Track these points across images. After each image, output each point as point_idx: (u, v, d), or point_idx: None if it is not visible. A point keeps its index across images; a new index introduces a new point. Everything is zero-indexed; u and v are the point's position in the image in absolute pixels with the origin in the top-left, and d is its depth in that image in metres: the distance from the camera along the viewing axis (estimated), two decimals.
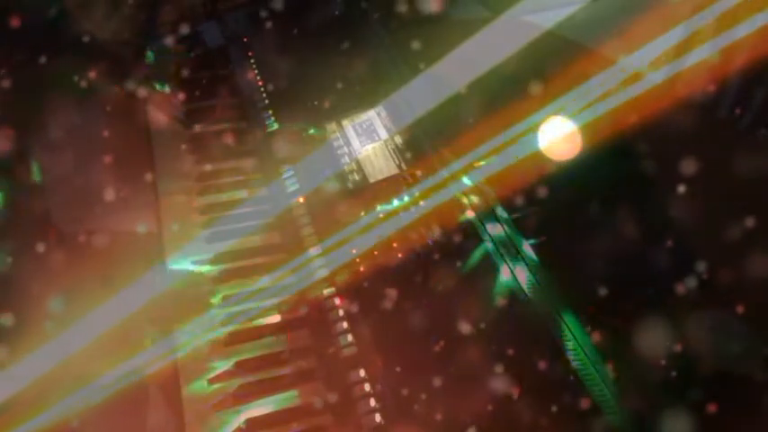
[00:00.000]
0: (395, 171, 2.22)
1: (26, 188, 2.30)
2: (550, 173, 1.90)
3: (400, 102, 2.35)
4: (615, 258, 1.69)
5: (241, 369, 1.90)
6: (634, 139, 1.77)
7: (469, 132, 2.07)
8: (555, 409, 1.57)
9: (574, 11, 2.18)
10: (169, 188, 2.42)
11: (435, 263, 1.93)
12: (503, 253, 1.86)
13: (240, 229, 2.27)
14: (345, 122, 2.40)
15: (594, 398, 1.56)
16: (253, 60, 2.83)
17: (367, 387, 1.78)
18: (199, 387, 1.87)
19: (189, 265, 2.17)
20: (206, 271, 2.16)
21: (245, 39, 2.92)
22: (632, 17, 1.96)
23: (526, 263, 1.82)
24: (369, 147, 2.31)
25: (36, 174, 2.31)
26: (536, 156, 1.93)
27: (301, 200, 2.29)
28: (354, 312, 1.92)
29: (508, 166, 1.96)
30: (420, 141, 2.25)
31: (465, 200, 2.02)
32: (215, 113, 2.68)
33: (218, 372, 1.90)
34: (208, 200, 2.39)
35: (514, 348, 1.68)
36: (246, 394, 1.85)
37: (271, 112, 2.62)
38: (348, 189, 2.23)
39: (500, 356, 1.67)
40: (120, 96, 2.57)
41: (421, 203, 2.08)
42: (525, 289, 1.78)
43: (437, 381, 1.68)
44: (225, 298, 2.08)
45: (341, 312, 1.95)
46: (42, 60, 2.35)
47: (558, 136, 1.92)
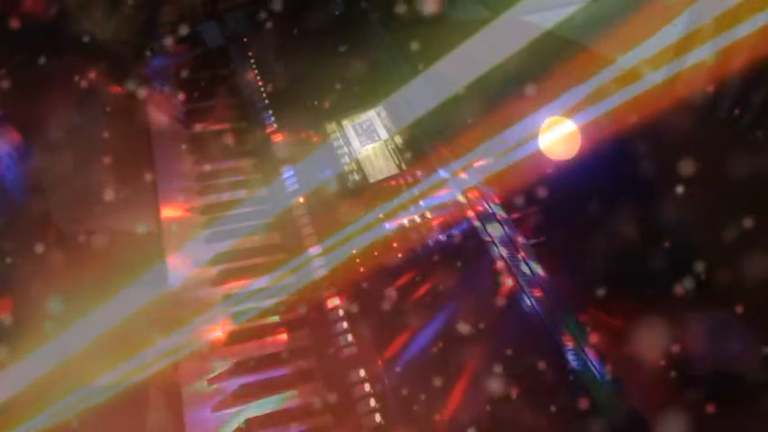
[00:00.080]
0: (395, 171, 2.22)
1: (26, 189, 2.30)
2: (550, 173, 1.90)
3: (400, 102, 2.35)
4: (615, 258, 1.69)
5: (241, 369, 1.90)
6: (634, 140, 1.77)
7: (469, 132, 2.07)
8: (555, 410, 1.57)
9: (574, 11, 2.18)
10: (169, 188, 2.42)
11: (435, 263, 1.93)
12: (503, 253, 1.86)
13: (240, 229, 2.27)
14: (345, 122, 2.40)
15: (594, 398, 1.56)
16: (253, 60, 2.83)
17: (367, 387, 1.78)
18: (199, 387, 1.87)
19: (189, 266, 2.17)
20: (206, 271, 2.16)
21: (245, 39, 2.92)
22: (632, 17, 1.96)
23: (526, 263, 1.82)
24: (369, 147, 2.31)
25: (36, 174, 2.31)
26: (536, 156, 1.93)
27: (301, 200, 2.29)
28: (354, 312, 1.92)
29: (508, 166, 1.96)
30: (420, 141, 2.25)
31: (465, 200, 2.02)
32: (215, 113, 2.68)
33: (218, 372, 1.90)
34: (208, 200, 2.39)
35: (514, 348, 1.68)
36: (246, 394, 1.85)
37: (271, 112, 2.62)
38: (348, 189, 2.23)
39: (500, 356, 1.67)
40: (120, 96, 2.57)
41: (421, 203, 2.08)
42: (525, 289, 1.78)
43: (437, 381, 1.68)
44: (225, 298, 2.08)
45: (341, 312, 1.95)
46: (42, 60, 2.35)
47: (558, 136, 1.91)
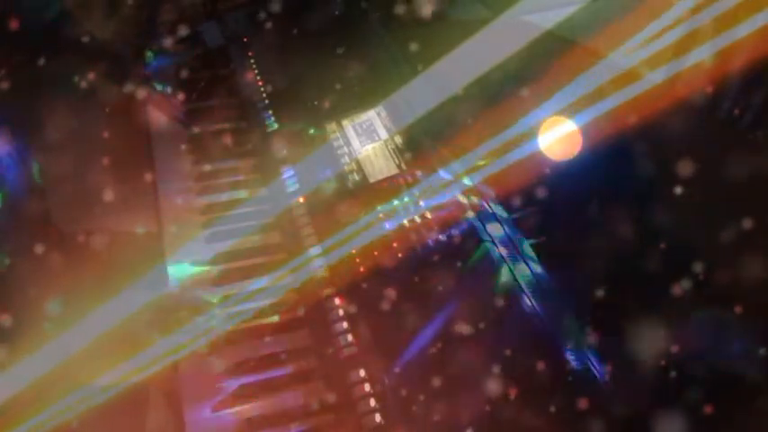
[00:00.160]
0: (395, 171, 2.22)
1: (26, 189, 2.30)
2: (550, 173, 1.90)
3: (400, 102, 2.35)
4: (615, 258, 1.68)
5: (241, 369, 1.90)
6: (634, 140, 1.77)
7: (469, 132, 2.07)
8: (555, 410, 1.57)
9: (574, 11, 2.18)
10: (169, 188, 2.42)
11: (435, 263, 1.93)
12: (503, 253, 1.86)
13: (240, 229, 2.27)
14: (345, 122, 2.40)
15: (594, 398, 1.56)
16: (253, 60, 2.83)
17: (367, 387, 1.78)
18: (199, 387, 1.87)
19: (189, 266, 2.17)
20: (206, 271, 2.16)
21: (245, 39, 2.92)
22: (632, 17, 1.96)
23: (526, 263, 1.82)
24: (369, 147, 2.31)
25: (36, 174, 2.31)
26: (536, 156, 1.92)
27: (301, 200, 2.29)
28: (354, 312, 1.92)
29: (508, 166, 1.96)
30: (420, 141, 2.24)
31: (465, 200, 2.02)
32: (215, 114, 2.68)
33: (218, 372, 1.90)
34: (208, 200, 2.39)
35: (514, 348, 1.68)
36: (246, 394, 1.85)
37: (271, 112, 2.62)
38: (348, 189, 2.23)
39: (500, 357, 1.67)
40: (119, 96, 2.57)
41: (421, 203, 2.08)
42: (525, 289, 1.78)
43: (437, 381, 1.68)
44: (225, 298, 2.08)
45: (341, 312, 1.95)
46: (42, 60, 2.35)
47: (558, 136, 1.91)
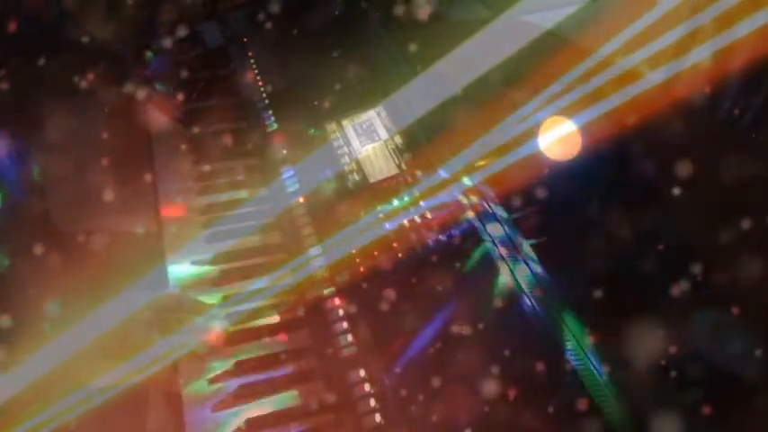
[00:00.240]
0: (395, 171, 2.22)
1: (26, 189, 2.30)
2: (550, 173, 1.90)
3: (400, 102, 2.35)
4: (615, 258, 1.68)
5: (241, 369, 1.90)
6: (634, 140, 1.77)
7: (469, 132, 2.07)
8: (555, 410, 1.57)
9: (574, 11, 2.18)
10: (169, 188, 2.42)
11: (435, 263, 1.93)
12: (503, 253, 1.86)
13: (240, 229, 2.27)
14: (345, 122, 2.40)
15: (594, 398, 1.56)
16: (253, 60, 2.83)
17: (367, 387, 1.78)
18: (199, 387, 1.87)
19: (189, 266, 2.17)
20: (206, 271, 2.16)
21: (245, 39, 2.92)
22: (633, 17, 1.96)
23: (526, 263, 1.82)
24: (369, 147, 2.31)
25: (36, 174, 2.31)
26: (536, 156, 1.92)
27: (301, 200, 2.29)
28: (354, 312, 1.92)
29: (508, 166, 1.96)
30: (420, 141, 2.24)
31: (465, 200, 2.01)
32: (215, 114, 2.68)
33: (218, 372, 1.90)
34: (207, 200, 2.39)
35: (514, 348, 1.68)
36: (246, 394, 1.85)
37: (271, 112, 2.62)
38: (348, 189, 2.23)
39: (499, 357, 1.67)
40: (119, 96, 2.57)
41: (421, 203, 2.08)
42: (525, 289, 1.77)
43: (437, 381, 1.68)
44: (225, 298, 2.08)
45: (341, 312, 1.95)
46: (42, 61, 2.35)
47: (558, 136, 1.91)
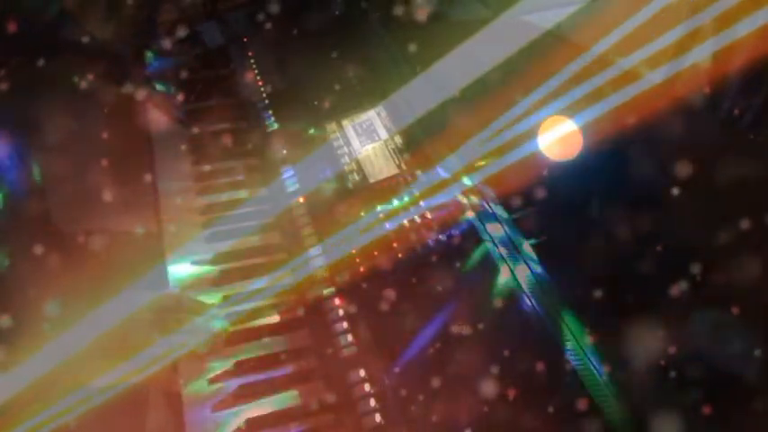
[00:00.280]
0: (395, 171, 2.22)
1: (26, 189, 2.29)
2: (550, 173, 1.90)
3: (400, 102, 2.35)
4: (615, 259, 1.68)
5: (241, 369, 1.90)
6: (634, 140, 1.77)
7: (469, 132, 2.07)
8: (555, 410, 1.57)
9: (574, 11, 2.18)
10: (169, 188, 2.42)
11: (435, 263, 1.93)
12: (503, 253, 1.86)
13: (240, 229, 2.27)
14: (345, 122, 2.40)
15: (594, 398, 1.56)
16: (253, 60, 2.83)
17: (367, 387, 1.78)
18: (199, 387, 1.87)
19: (189, 266, 2.17)
20: (206, 271, 2.16)
21: (244, 39, 2.92)
22: (633, 17, 1.96)
23: (526, 263, 1.82)
24: (369, 147, 2.31)
25: (36, 174, 2.30)
26: (536, 156, 1.92)
27: (301, 200, 2.29)
28: (354, 312, 1.92)
29: (508, 166, 1.96)
30: (420, 141, 2.24)
31: (465, 200, 2.01)
32: (215, 114, 2.68)
33: (217, 372, 1.90)
34: (208, 200, 2.39)
35: (514, 348, 1.68)
36: (246, 394, 1.85)
37: (271, 112, 2.62)
38: (348, 189, 2.23)
39: (499, 357, 1.67)
40: (119, 97, 2.57)
41: (421, 203, 2.08)
42: (525, 289, 1.77)
43: (437, 381, 1.68)
44: (225, 298, 2.08)
45: (341, 312, 1.95)
46: (41, 61, 2.35)
47: (558, 136, 1.91)
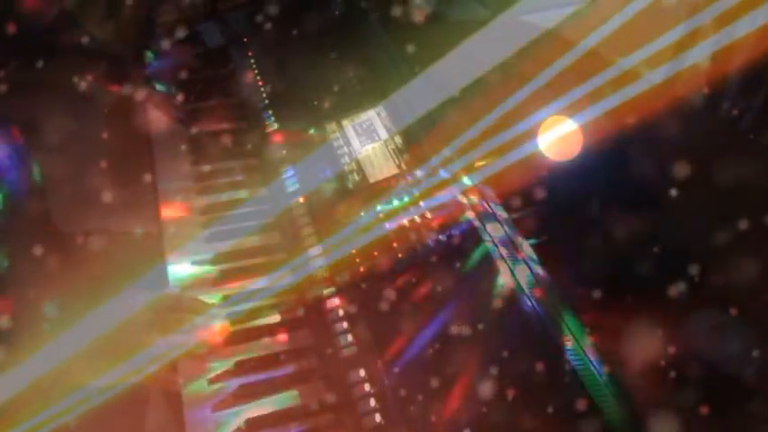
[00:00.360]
0: (395, 171, 2.21)
1: (26, 189, 2.29)
2: (550, 173, 1.90)
3: (400, 102, 2.34)
4: (615, 258, 1.68)
5: (241, 369, 1.90)
6: (634, 140, 1.77)
7: (470, 132, 2.07)
8: (555, 410, 1.57)
9: (574, 11, 2.18)
10: (169, 189, 2.42)
11: (435, 263, 1.93)
12: (503, 253, 1.86)
13: (240, 229, 2.27)
14: (345, 122, 2.40)
15: (594, 398, 1.56)
16: (253, 60, 2.83)
17: (367, 387, 1.78)
18: (199, 387, 1.87)
19: (189, 266, 2.17)
20: (206, 271, 2.16)
21: (245, 39, 2.92)
22: (633, 17, 1.95)
23: (526, 263, 1.82)
24: (369, 147, 2.31)
25: (36, 175, 2.30)
26: (536, 156, 1.92)
27: (301, 200, 2.28)
28: (354, 312, 1.92)
29: (508, 166, 1.95)
30: (420, 141, 2.24)
31: (465, 200, 2.01)
32: (215, 114, 2.68)
33: (218, 372, 1.90)
34: (207, 200, 2.39)
35: (514, 349, 1.68)
36: (246, 394, 1.85)
37: (271, 112, 2.62)
38: (348, 189, 2.23)
39: (499, 357, 1.67)
40: (119, 97, 2.57)
41: (421, 203, 2.08)
42: (525, 289, 1.77)
43: (437, 381, 1.68)
44: (224, 298, 2.08)
45: (341, 312, 1.95)
46: (41, 61, 2.34)
47: (558, 136, 1.91)
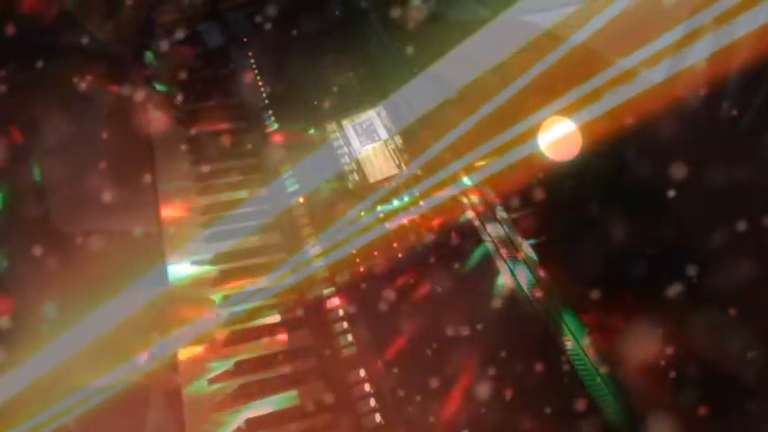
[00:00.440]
0: (395, 171, 2.21)
1: (26, 190, 2.30)
2: (550, 173, 1.90)
3: (400, 102, 2.34)
4: (615, 259, 1.68)
5: (241, 369, 1.90)
6: (634, 140, 1.77)
7: (469, 132, 2.07)
8: (555, 410, 1.57)
9: (574, 11, 2.18)
10: (169, 189, 2.42)
11: (435, 263, 1.93)
12: (503, 253, 1.86)
13: (240, 230, 2.27)
14: (345, 122, 2.40)
15: (594, 398, 1.56)
16: (253, 60, 2.83)
17: (367, 387, 1.78)
18: (199, 387, 1.87)
19: (189, 266, 2.17)
20: (206, 271, 2.16)
21: (245, 39, 2.92)
22: (633, 17, 1.95)
23: (526, 263, 1.82)
24: (369, 147, 2.31)
25: (36, 175, 2.31)
26: (536, 156, 1.92)
27: (301, 200, 2.29)
28: (354, 312, 1.92)
29: (508, 166, 1.95)
30: (420, 141, 2.24)
31: (465, 200, 2.01)
32: (215, 114, 2.68)
33: (218, 372, 1.90)
34: (207, 200, 2.39)
35: (514, 349, 1.68)
36: (246, 394, 1.85)
37: (271, 112, 2.62)
38: (348, 189, 2.22)
39: (499, 357, 1.67)
40: (119, 97, 2.57)
41: (421, 203, 2.08)
42: (525, 289, 1.77)
43: (437, 381, 1.68)
44: (225, 298, 2.08)
45: (341, 312, 1.95)
46: (41, 61, 2.35)
47: (558, 136, 1.91)
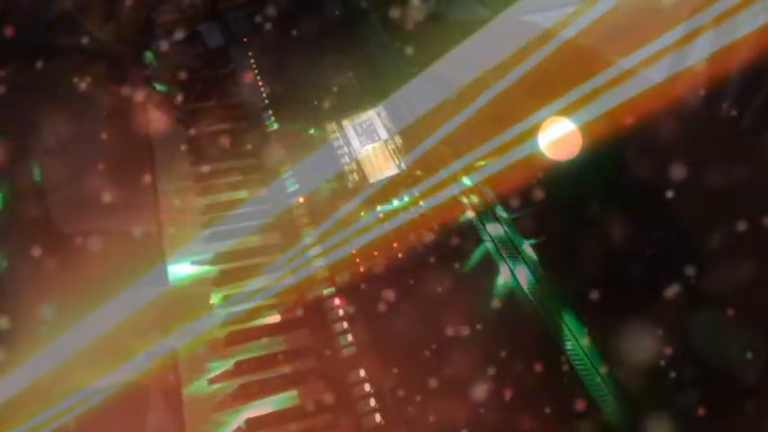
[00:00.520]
0: (395, 171, 2.22)
1: (26, 190, 2.30)
2: (550, 173, 1.90)
3: (400, 102, 2.34)
4: (615, 259, 1.68)
5: (241, 369, 1.90)
6: (634, 140, 1.77)
7: (470, 132, 2.07)
8: (554, 410, 1.57)
9: (574, 11, 2.18)
10: (169, 189, 2.42)
11: (435, 263, 1.93)
12: (503, 253, 1.86)
13: (240, 230, 2.27)
14: (345, 122, 2.40)
15: (593, 398, 1.56)
16: (253, 60, 2.83)
17: (367, 387, 1.78)
18: (199, 387, 1.87)
19: (189, 266, 2.17)
20: (206, 271, 2.16)
21: (244, 39, 2.92)
22: (633, 17, 1.96)
23: (526, 263, 1.82)
24: (369, 147, 2.31)
25: (36, 175, 2.31)
26: (536, 156, 1.92)
27: (301, 200, 2.29)
28: (354, 312, 1.92)
29: (508, 166, 1.95)
30: (420, 141, 2.24)
31: (465, 200, 2.01)
32: (215, 114, 2.68)
33: (218, 372, 1.90)
34: (207, 200, 2.39)
35: (513, 349, 1.68)
36: (246, 394, 1.85)
37: (271, 112, 2.62)
38: (348, 189, 2.23)
39: (499, 357, 1.67)
40: (119, 97, 2.57)
41: (421, 203, 2.08)
42: (525, 289, 1.78)
43: (436, 381, 1.68)
44: (225, 298, 2.08)
45: (341, 312, 1.95)
46: (41, 61, 2.35)
47: (558, 136, 1.91)
